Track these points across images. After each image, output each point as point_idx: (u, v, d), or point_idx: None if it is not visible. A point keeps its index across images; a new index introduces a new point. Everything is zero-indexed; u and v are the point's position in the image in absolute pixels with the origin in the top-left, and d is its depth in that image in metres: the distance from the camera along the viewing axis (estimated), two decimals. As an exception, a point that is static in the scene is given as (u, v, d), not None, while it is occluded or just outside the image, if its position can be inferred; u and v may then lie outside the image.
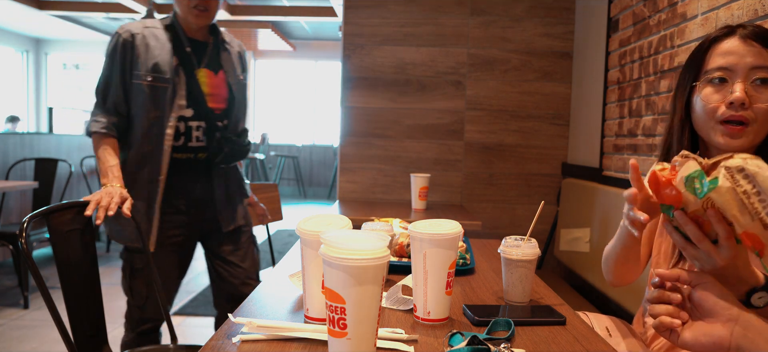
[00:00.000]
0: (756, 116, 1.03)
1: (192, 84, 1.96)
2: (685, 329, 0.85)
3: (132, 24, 1.94)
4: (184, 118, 1.95)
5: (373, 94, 3.32)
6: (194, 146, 1.99)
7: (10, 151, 4.71)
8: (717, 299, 0.83)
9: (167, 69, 1.91)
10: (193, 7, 1.92)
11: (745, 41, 1.05)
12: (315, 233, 1.00)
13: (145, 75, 1.89)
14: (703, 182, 0.81)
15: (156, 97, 1.90)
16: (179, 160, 1.97)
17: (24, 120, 10.60)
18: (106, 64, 1.91)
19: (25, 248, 1.43)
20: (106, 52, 1.91)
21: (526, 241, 1.21)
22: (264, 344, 0.91)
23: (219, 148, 2.01)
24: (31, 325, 3.35)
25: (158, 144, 1.91)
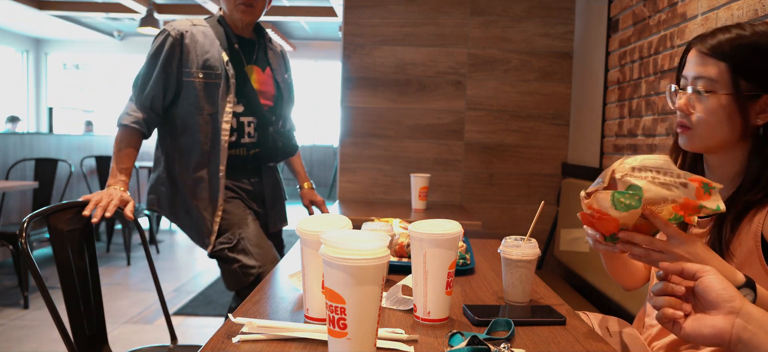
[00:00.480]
0: (697, 120, 1.10)
1: (243, 80, 1.97)
2: (688, 320, 0.86)
3: (179, 22, 1.94)
4: (236, 114, 1.96)
5: (373, 94, 3.32)
6: (247, 142, 2.00)
7: (10, 151, 4.71)
8: (719, 291, 0.84)
9: (218, 65, 1.92)
10: (240, 3, 1.93)
11: (696, 52, 1.11)
12: (315, 233, 1.00)
13: (196, 72, 1.90)
14: (630, 194, 0.90)
15: (209, 94, 1.91)
16: (232, 157, 1.98)
17: (24, 120, 10.61)
18: (149, 61, 1.90)
19: (25, 248, 1.43)
20: (151, 49, 1.90)
21: (526, 241, 1.21)
22: (264, 344, 0.91)
23: (274, 143, 2.03)
24: (31, 325, 3.35)
25: (216, 140, 1.93)
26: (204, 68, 1.91)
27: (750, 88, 1.05)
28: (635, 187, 0.90)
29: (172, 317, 1.79)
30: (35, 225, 3.66)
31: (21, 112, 10.52)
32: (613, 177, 0.91)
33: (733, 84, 1.06)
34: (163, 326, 3.39)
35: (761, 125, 1.08)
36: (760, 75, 1.05)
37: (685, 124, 1.12)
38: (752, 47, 1.05)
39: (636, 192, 0.89)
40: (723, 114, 1.07)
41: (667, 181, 0.91)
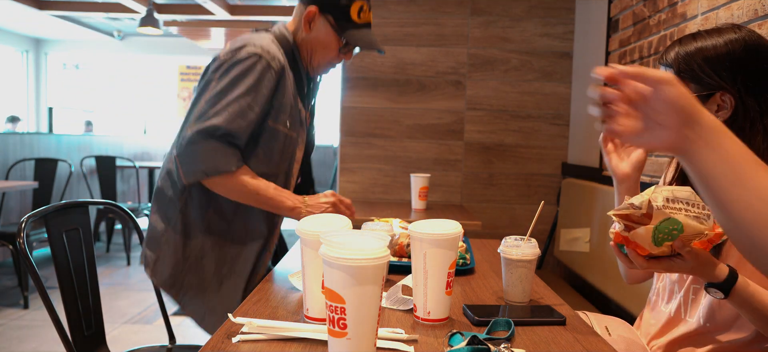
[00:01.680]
0: None
1: (310, 132, 1.75)
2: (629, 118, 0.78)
3: (273, 48, 1.56)
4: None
5: (372, 94, 3.31)
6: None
7: (10, 151, 4.71)
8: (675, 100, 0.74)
9: (300, 118, 1.64)
10: (339, 60, 1.68)
11: (660, 67, 1.18)
12: (315, 233, 1.00)
13: (285, 119, 1.58)
14: (669, 230, 0.95)
15: (287, 148, 1.63)
16: None
17: (24, 120, 10.60)
18: (248, 91, 1.49)
19: (24, 248, 1.43)
20: (246, 76, 1.50)
21: (526, 241, 1.21)
22: (264, 344, 0.91)
23: (310, 181, 1.87)
24: (31, 325, 3.35)
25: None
26: (291, 116, 1.60)
27: (698, 90, 1.11)
28: (675, 222, 0.94)
29: (170, 317, 1.79)
30: (35, 225, 3.66)
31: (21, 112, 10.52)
32: (651, 206, 0.95)
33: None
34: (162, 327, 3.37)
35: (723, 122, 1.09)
36: (705, 77, 1.11)
37: None
38: (695, 54, 1.12)
39: (675, 227, 0.94)
40: None
41: (698, 213, 0.96)
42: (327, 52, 1.65)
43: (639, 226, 0.97)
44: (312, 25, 1.61)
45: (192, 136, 1.46)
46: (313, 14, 1.60)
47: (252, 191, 1.51)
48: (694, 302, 1.18)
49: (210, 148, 1.46)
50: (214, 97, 1.48)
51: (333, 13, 1.60)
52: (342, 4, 1.60)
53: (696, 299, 1.18)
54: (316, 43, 1.63)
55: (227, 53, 1.53)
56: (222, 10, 7.83)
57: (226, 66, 1.50)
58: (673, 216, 0.95)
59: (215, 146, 1.46)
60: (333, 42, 1.64)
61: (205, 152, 1.46)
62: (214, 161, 1.46)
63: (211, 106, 1.47)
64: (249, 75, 1.49)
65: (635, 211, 0.97)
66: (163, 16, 8.42)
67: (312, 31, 1.62)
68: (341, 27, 1.61)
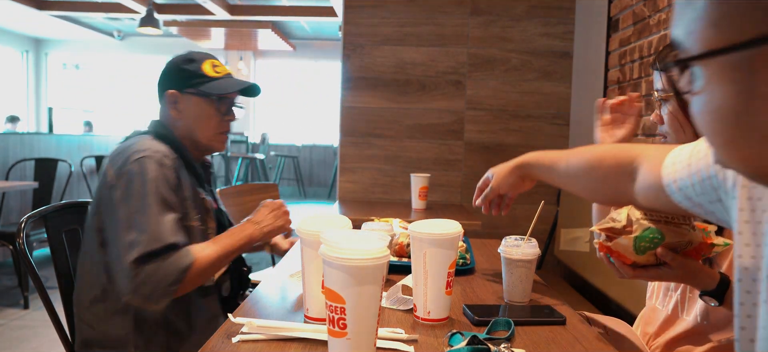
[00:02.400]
0: (669, 129, 1.21)
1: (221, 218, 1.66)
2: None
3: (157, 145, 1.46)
4: None
5: (372, 94, 3.31)
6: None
7: (10, 151, 4.71)
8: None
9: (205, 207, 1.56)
10: (222, 132, 1.59)
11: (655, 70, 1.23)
12: (315, 233, 1.00)
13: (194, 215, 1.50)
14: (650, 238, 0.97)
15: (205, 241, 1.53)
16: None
17: (24, 120, 10.60)
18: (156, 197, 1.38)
19: (24, 248, 1.43)
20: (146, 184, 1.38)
21: (526, 241, 1.21)
22: (264, 344, 0.91)
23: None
24: (31, 325, 3.35)
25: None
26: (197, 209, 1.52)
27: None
28: (656, 231, 0.97)
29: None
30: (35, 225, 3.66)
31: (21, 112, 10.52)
32: (630, 218, 0.98)
33: (673, 87, 1.17)
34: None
35: None
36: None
37: (662, 135, 1.24)
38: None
39: (656, 236, 0.96)
40: (678, 118, 1.18)
41: (679, 222, 0.99)
42: (208, 121, 1.54)
43: (618, 234, 1.00)
44: (179, 106, 1.52)
45: (131, 271, 1.30)
46: (176, 96, 1.51)
47: (217, 259, 1.41)
48: (690, 301, 1.19)
49: (156, 267, 1.31)
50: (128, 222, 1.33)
51: (191, 83, 1.51)
52: (193, 70, 1.52)
53: (693, 297, 1.18)
54: (193, 119, 1.53)
55: (115, 172, 1.39)
56: (222, 10, 7.83)
57: (123, 186, 1.37)
58: (653, 226, 0.97)
59: (159, 262, 1.31)
60: (207, 107, 1.53)
61: (158, 273, 1.30)
62: (172, 271, 1.31)
63: (132, 232, 1.32)
64: (148, 181, 1.36)
65: (616, 223, 1.00)
66: (163, 16, 8.42)
67: (182, 112, 1.52)
68: (206, 89, 1.51)
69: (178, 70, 1.53)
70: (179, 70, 1.53)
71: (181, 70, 1.53)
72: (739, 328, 0.69)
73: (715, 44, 0.48)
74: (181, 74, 1.52)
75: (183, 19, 8.70)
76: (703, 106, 0.52)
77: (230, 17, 8.16)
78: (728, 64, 0.48)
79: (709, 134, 0.53)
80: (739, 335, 0.69)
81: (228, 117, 1.58)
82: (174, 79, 1.53)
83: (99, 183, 1.44)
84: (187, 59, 1.54)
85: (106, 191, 1.40)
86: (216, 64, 1.57)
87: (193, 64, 1.53)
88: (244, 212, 2.67)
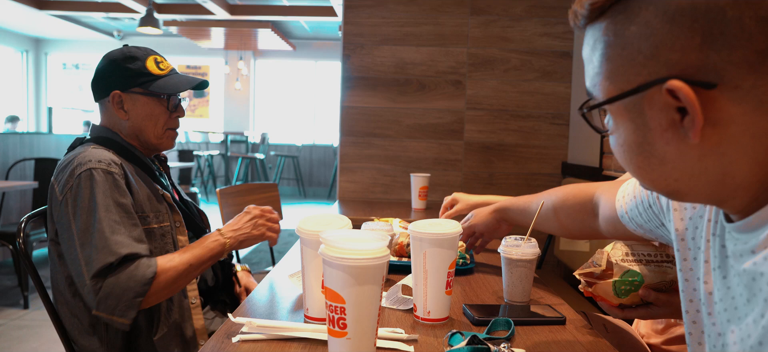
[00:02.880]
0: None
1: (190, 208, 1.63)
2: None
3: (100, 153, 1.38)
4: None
5: (373, 93, 3.31)
6: None
7: (10, 151, 4.71)
8: None
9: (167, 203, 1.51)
10: (172, 128, 1.53)
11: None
12: (315, 233, 1.00)
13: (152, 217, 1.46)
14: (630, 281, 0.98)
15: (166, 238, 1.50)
16: None
17: (24, 120, 10.60)
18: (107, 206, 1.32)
19: (23, 248, 1.43)
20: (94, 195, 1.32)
21: (526, 241, 1.21)
22: (264, 344, 0.91)
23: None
24: (31, 325, 3.35)
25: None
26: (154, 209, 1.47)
27: None
28: (635, 273, 0.98)
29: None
30: (35, 225, 3.66)
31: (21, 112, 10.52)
32: (610, 261, 1.00)
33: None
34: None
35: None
36: None
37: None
38: None
39: (635, 278, 0.98)
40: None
41: (659, 260, 1.00)
42: (157, 119, 1.48)
43: (601, 281, 1.01)
44: (125, 107, 1.45)
45: (93, 286, 1.25)
46: (120, 96, 1.45)
47: (185, 270, 1.34)
48: None
49: (116, 280, 1.25)
50: (82, 237, 1.28)
51: (136, 82, 1.45)
52: (136, 68, 1.45)
53: None
54: (141, 119, 1.47)
55: (61, 189, 1.34)
56: (222, 10, 7.83)
57: (71, 201, 1.31)
58: (631, 268, 0.98)
59: (118, 274, 1.26)
60: (156, 105, 1.47)
61: (118, 286, 1.25)
62: (133, 283, 1.25)
63: (87, 247, 1.27)
64: (95, 194, 1.30)
65: (595, 269, 1.01)
66: (163, 16, 8.42)
67: (128, 112, 1.46)
68: (155, 88, 1.45)
69: (120, 68, 1.45)
70: (122, 68, 1.45)
71: (123, 69, 1.45)
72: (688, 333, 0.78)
73: (612, 93, 0.62)
74: (124, 73, 1.45)
75: (183, 19, 8.70)
76: (615, 142, 0.65)
77: (230, 17, 8.16)
78: (624, 107, 0.61)
79: (624, 164, 0.65)
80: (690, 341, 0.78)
81: (176, 114, 1.52)
82: (117, 78, 1.45)
83: (49, 197, 1.39)
84: (128, 56, 1.46)
85: (56, 207, 1.34)
86: (159, 60, 1.50)
87: (135, 62, 1.46)
88: (244, 212, 2.68)
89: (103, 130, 1.48)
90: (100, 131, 1.48)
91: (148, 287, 1.26)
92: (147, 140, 1.49)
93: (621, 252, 1.00)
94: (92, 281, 1.25)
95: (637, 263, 0.99)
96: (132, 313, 1.25)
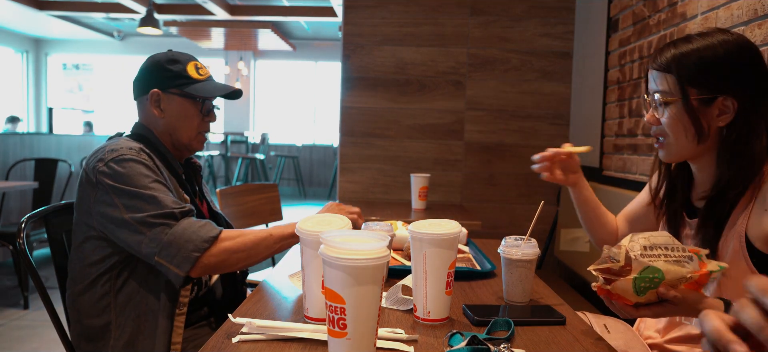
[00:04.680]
0: (665, 129, 1.17)
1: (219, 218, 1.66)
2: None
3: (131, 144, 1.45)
4: None
5: (373, 94, 3.31)
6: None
7: (10, 151, 4.71)
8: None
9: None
10: (202, 132, 1.58)
11: (651, 69, 1.19)
12: (315, 233, 1.00)
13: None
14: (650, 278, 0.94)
15: None
16: None
17: (24, 120, 10.60)
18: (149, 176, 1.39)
19: (24, 249, 1.43)
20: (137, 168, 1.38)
21: (526, 241, 1.21)
22: (264, 344, 0.91)
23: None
24: (31, 325, 3.35)
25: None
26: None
27: (700, 94, 1.11)
28: (656, 270, 0.94)
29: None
30: (35, 225, 3.66)
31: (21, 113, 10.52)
32: (629, 256, 0.95)
33: (683, 93, 1.12)
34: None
35: (724, 127, 1.12)
36: (707, 81, 1.10)
37: (658, 135, 1.20)
38: (695, 57, 1.11)
39: (656, 275, 0.94)
40: (682, 122, 1.14)
41: (678, 257, 0.96)
42: (190, 121, 1.54)
43: (619, 277, 0.96)
44: (162, 106, 1.51)
45: (158, 234, 1.31)
46: (158, 95, 1.51)
47: (252, 242, 1.36)
48: None
49: (184, 231, 1.31)
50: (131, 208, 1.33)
51: (175, 84, 1.51)
52: (177, 71, 1.52)
53: None
54: (175, 118, 1.52)
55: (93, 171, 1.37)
56: (222, 10, 7.83)
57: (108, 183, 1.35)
58: (652, 264, 0.94)
59: (186, 226, 1.32)
60: (190, 107, 1.53)
61: (182, 236, 1.30)
62: (196, 237, 1.31)
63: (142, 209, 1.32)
64: (135, 169, 1.36)
65: (613, 264, 0.97)
66: (163, 16, 8.42)
67: (165, 111, 1.52)
68: (191, 91, 1.52)
69: (162, 69, 1.52)
70: (163, 69, 1.52)
71: (165, 70, 1.52)
72: None
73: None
74: (166, 74, 1.51)
75: (183, 19, 8.70)
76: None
77: (230, 17, 8.16)
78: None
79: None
80: None
81: (208, 118, 1.58)
82: (157, 78, 1.51)
83: (81, 182, 1.42)
84: (171, 59, 1.53)
85: (89, 191, 1.38)
86: (199, 66, 1.57)
87: (177, 64, 1.53)
88: (244, 213, 2.68)
89: (139, 127, 1.55)
90: (137, 128, 1.55)
91: (209, 245, 1.31)
92: (179, 139, 1.54)
93: (639, 246, 0.96)
94: (154, 232, 1.30)
95: (657, 259, 0.95)
96: (187, 266, 1.30)
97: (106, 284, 1.41)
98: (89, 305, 1.41)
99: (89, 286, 1.41)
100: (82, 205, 1.41)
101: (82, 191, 1.41)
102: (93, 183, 1.37)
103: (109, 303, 1.41)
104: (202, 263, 1.31)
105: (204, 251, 1.30)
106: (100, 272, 1.40)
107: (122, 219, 1.33)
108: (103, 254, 1.40)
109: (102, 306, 1.41)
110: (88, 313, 1.42)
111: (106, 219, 1.36)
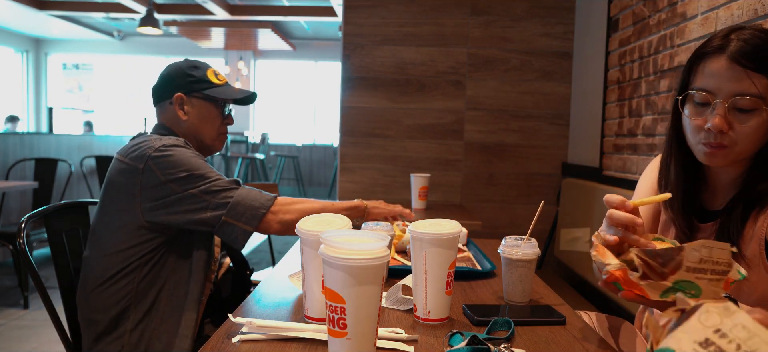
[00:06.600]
0: (737, 138, 1.01)
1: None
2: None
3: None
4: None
5: (373, 94, 3.31)
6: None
7: (10, 151, 4.71)
8: None
9: None
10: (223, 134, 1.70)
11: (731, 64, 1.00)
12: (315, 233, 1.00)
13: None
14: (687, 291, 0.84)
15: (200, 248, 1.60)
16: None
17: (24, 120, 10.61)
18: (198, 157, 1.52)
19: (24, 248, 1.43)
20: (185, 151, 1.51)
21: (526, 241, 1.21)
22: (264, 344, 0.91)
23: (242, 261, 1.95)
24: (31, 325, 3.35)
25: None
26: None
27: None
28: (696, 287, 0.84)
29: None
30: (35, 225, 3.66)
31: (21, 112, 10.53)
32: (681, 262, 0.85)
33: None
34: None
35: None
36: None
37: (722, 143, 1.02)
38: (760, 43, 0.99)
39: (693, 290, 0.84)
40: (765, 129, 1.01)
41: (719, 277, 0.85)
42: (212, 122, 1.65)
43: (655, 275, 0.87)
44: (186, 108, 1.62)
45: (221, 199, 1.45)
46: (182, 98, 1.62)
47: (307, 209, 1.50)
48: None
49: (249, 193, 1.48)
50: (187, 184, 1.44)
51: (197, 88, 1.63)
52: (199, 76, 1.63)
53: None
54: (198, 120, 1.63)
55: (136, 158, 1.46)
56: (222, 10, 7.83)
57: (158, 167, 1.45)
58: (696, 281, 0.84)
59: (247, 190, 1.49)
60: (212, 109, 1.65)
61: (249, 197, 1.47)
62: (261, 197, 1.49)
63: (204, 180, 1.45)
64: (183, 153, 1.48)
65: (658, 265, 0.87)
66: (163, 16, 8.42)
67: (188, 114, 1.62)
68: (213, 94, 1.64)
69: (184, 74, 1.63)
70: (186, 75, 1.63)
71: (187, 75, 1.63)
72: None
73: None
74: (188, 79, 1.62)
75: (183, 19, 8.70)
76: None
77: (230, 17, 8.16)
78: None
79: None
80: None
81: (227, 120, 1.70)
82: (180, 82, 1.62)
83: (119, 172, 1.47)
84: (192, 66, 1.64)
85: (134, 178, 1.45)
86: (217, 72, 1.69)
87: (198, 70, 1.64)
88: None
89: (161, 127, 1.64)
90: (159, 128, 1.64)
91: (271, 204, 1.48)
92: (202, 140, 1.65)
93: (698, 256, 0.84)
94: (220, 196, 1.44)
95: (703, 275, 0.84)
96: (255, 222, 1.45)
97: (131, 274, 1.46)
98: (106, 296, 1.45)
99: (111, 278, 1.45)
100: (120, 195, 1.47)
101: (123, 179, 1.46)
102: (139, 170, 1.44)
103: (130, 291, 1.46)
104: (267, 219, 1.47)
105: (268, 209, 1.47)
106: (126, 264, 1.45)
107: (182, 195, 1.44)
108: (139, 239, 1.46)
109: (120, 297, 1.45)
110: (102, 305, 1.44)
111: (156, 201, 1.44)
